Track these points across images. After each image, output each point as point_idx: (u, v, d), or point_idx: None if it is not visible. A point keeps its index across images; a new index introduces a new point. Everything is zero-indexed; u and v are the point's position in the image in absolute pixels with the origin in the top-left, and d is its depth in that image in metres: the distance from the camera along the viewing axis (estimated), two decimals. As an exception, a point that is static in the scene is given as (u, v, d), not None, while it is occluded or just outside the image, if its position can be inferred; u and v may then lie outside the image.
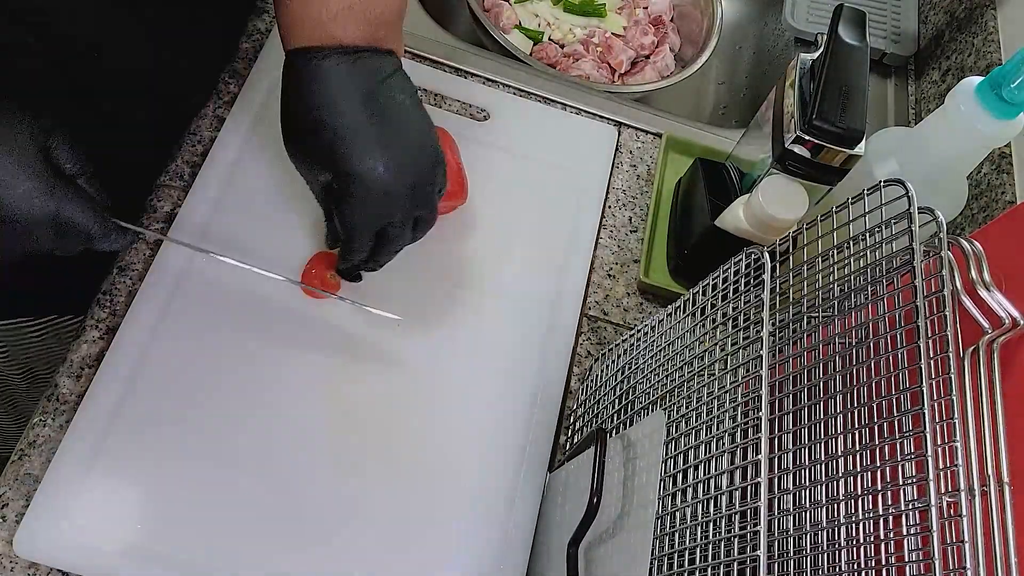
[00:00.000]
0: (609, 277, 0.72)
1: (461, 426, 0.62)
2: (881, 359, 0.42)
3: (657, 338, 0.55)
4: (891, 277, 0.43)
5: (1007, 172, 0.75)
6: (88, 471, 0.55)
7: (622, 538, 0.46)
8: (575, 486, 0.54)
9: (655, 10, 1.00)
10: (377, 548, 0.56)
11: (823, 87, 0.57)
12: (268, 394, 0.60)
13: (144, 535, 0.54)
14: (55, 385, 0.58)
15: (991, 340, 0.39)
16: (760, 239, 0.61)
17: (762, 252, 0.46)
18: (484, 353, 0.65)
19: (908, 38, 0.95)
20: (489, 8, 0.96)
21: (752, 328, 0.45)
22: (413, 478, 0.59)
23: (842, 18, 0.60)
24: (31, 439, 0.56)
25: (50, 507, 0.53)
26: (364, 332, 0.63)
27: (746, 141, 0.69)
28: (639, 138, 0.80)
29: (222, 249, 0.61)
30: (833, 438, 0.43)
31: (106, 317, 0.61)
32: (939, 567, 0.35)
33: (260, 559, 0.54)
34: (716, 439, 0.43)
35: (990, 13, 0.87)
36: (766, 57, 1.04)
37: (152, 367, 0.58)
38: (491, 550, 0.58)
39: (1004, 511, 0.36)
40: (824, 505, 0.43)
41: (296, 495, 0.57)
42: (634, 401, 0.56)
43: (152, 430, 0.57)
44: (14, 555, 0.53)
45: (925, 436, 0.37)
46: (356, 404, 0.61)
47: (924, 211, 0.41)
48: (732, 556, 0.39)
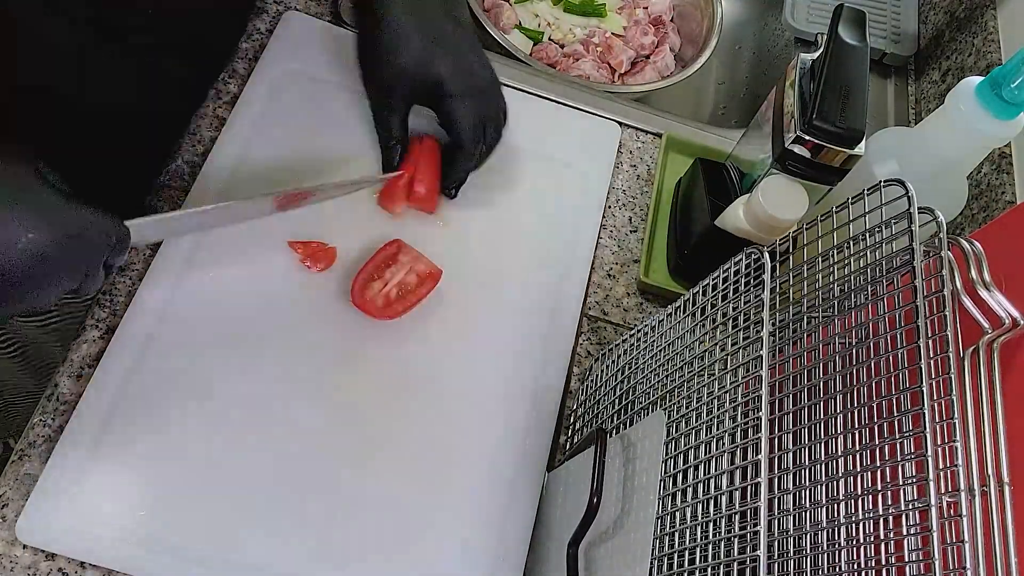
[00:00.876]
0: (609, 277, 0.72)
1: (461, 425, 0.62)
2: (881, 359, 0.42)
3: (657, 338, 0.55)
4: (891, 277, 0.43)
5: (1007, 172, 0.75)
6: (91, 457, 0.55)
7: (622, 538, 0.46)
8: (575, 486, 0.54)
9: (655, 10, 1.00)
10: (376, 546, 0.56)
11: (823, 87, 0.57)
12: (268, 390, 0.60)
13: (146, 522, 0.54)
14: (55, 385, 0.58)
15: (991, 340, 0.39)
16: (760, 239, 0.61)
17: (762, 252, 0.46)
18: (484, 353, 0.65)
19: (908, 38, 0.95)
20: (489, 8, 0.96)
21: (752, 328, 0.45)
22: (413, 476, 0.59)
23: (842, 18, 0.59)
24: (31, 439, 0.56)
25: (53, 491, 0.53)
26: (365, 330, 0.63)
27: (746, 141, 0.69)
28: (639, 138, 0.80)
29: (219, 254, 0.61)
30: (833, 438, 0.43)
31: (106, 317, 0.61)
32: (939, 567, 0.35)
33: (260, 551, 0.55)
34: (716, 439, 0.43)
35: (990, 13, 0.87)
36: (766, 57, 1.04)
37: (153, 360, 0.59)
38: (491, 550, 0.58)
39: (1004, 511, 0.36)
40: (824, 505, 0.43)
41: (295, 492, 0.57)
42: (634, 401, 0.56)
43: (153, 421, 0.57)
44: (14, 555, 0.53)
45: (925, 436, 0.37)
46: (357, 401, 0.61)
47: (924, 211, 0.41)
48: (732, 556, 0.39)
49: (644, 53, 0.97)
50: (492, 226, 0.70)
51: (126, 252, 0.50)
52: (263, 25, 0.77)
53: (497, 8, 0.95)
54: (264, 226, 0.64)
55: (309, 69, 0.74)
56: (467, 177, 0.68)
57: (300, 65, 0.73)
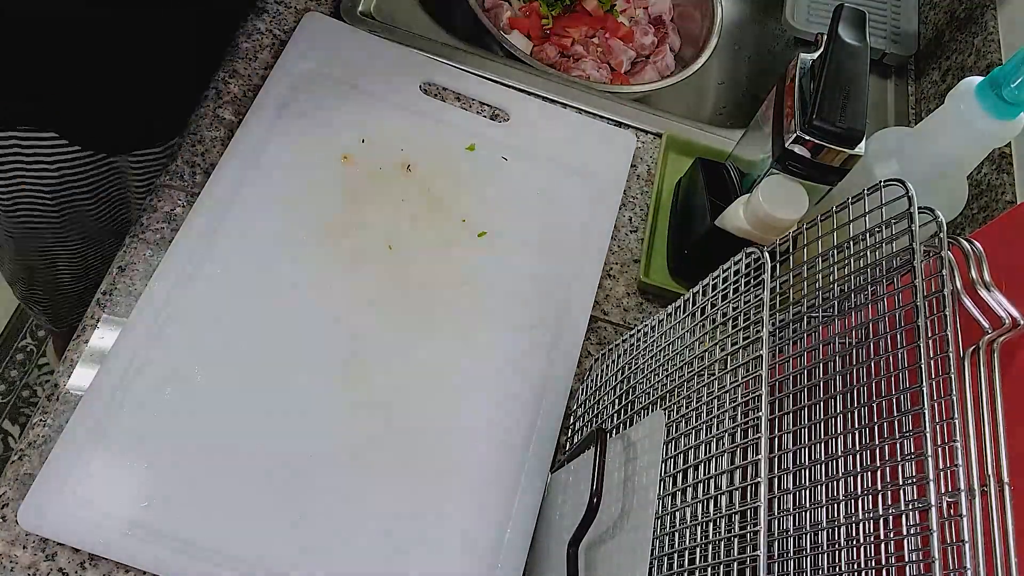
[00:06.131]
0: (609, 277, 0.72)
1: (464, 425, 0.62)
2: (881, 359, 0.42)
3: (657, 338, 0.55)
4: (891, 277, 0.43)
5: (1007, 172, 0.75)
6: (95, 448, 0.55)
7: (622, 538, 0.46)
8: (575, 486, 0.54)
9: (655, 10, 1.00)
10: (377, 544, 0.56)
11: (823, 87, 0.57)
12: (273, 385, 0.60)
13: (146, 515, 0.54)
14: (55, 385, 0.58)
15: (991, 340, 0.39)
16: (760, 239, 0.61)
17: (762, 252, 0.46)
18: (491, 354, 0.65)
19: (908, 38, 0.95)
20: (489, 8, 0.96)
21: (752, 328, 0.45)
22: (415, 475, 0.59)
23: (842, 18, 0.59)
24: (31, 439, 0.56)
25: (56, 480, 0.54)
26: (368, 330, 0.63)
27: (746, 141, 0.69)
28: (639, 138, 0.80)
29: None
30: (833, 438, 0.43)
31: (106, 316, 0.61)
32: (939, 567, 0.35)
33: (259, 546, 0.55)
34: (716, 439, 0.43)
35: (990, 13, 0.87)
36: (766, 57, 1.04)
37: (154, 359, 0.58)
38: (491, 550, 0.58)
39: (1004, 511, 0.36)
40: (824, 505, 0.43)
41: (298, 487, 0.57)
42: (634, 401, 0.56)
43: (156, 416, 0.57)
44: (14, 555, 0.53)
45: (925, 436, 0.37)
46: (360, 400, 0.61)
47: (924, 211, 0.41)
48: (732, 556, 0.39)
49: (644, 53, 0.98)
50: (505, 229, 0.71)
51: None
52: (263, 25, 0.77)
53: (497, 8, 0.95)
54: (269, 228, 0.64)
55: (327, 69, 0.74)
56: None
57: (316, 65, 0.74)
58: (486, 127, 0.75)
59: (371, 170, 0.70)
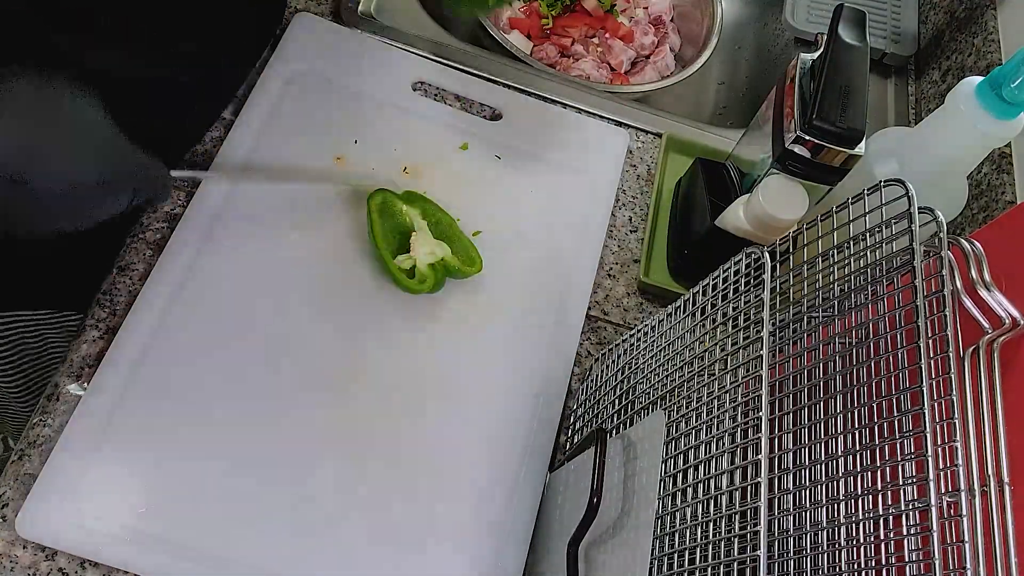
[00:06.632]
0: (609, 277, 0.72)
1: (463, 425, 0.62)
2: (881, 359, 0.42)
3: (657, 338, 0.55)
4: (891, 277, 0.43)
5: (1007, 172, 0.75)
6: (92, 455, 0.55)
7: (622, 538, 0.46)
8: (575, 486, 0.54)
9: (655, 10, 1.00)
10: (376, 545, 0.56)
11: (823, 87, 0.57)
12: (271, 388, 0.60)
13: (145, 520, 0.54)
14: (55, 385, 0.58)
15: (991, 340, 0.39)
16: (760, 239, 0.61)
17: (762, 252, 0.46)
18: (488, 353, 0.65)
19: (908, 38, 0.95)
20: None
21: (752, 328, 0.45)
22: (414, 475, 0.59)
23: (842, 18, 0.60)
24: (31, 439, 0.56)
25: (54, 487, 0.53)
26: (368, 331, 0.63)
27: (746, 141, 0.69)
28: (639, 138, 0.80)
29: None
30: (833, 438, 0.43)
31: (106, 317, 0.61)
32: (939, 567, 0.35)
33: (259, 551, 0.55)
34: (716, 439, 0.43)
35: (990, 13, 0.87)
36: (766, 57, 1.04)
37: (154, 360, 0.58)
38: (491, 550, 0.58)
39: (1004, 511, 0.36)
40: (824, 505, 0.43)
41: (297, 490, 0.57)
42: (634, 401, 0.56)
43: (155, 418, 0.57)
44: (14, 555, 0.53)
45: (925, 436, 0.37)
46: (359, 401, 0.61)
47: (924, 211, 0.41)
48: (732, 556, 0.39)
49: (644, 53, 0.98)
50: (499, 227, 0.70)
51: (168, 192, 0.53)
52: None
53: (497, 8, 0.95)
54: (268, 226, 0.64)
55: (318, 69, 0.74)
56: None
57: (308, 65, 0.74)
58: (479, 126, 0.75)
59: (364, 171, 0.70)
